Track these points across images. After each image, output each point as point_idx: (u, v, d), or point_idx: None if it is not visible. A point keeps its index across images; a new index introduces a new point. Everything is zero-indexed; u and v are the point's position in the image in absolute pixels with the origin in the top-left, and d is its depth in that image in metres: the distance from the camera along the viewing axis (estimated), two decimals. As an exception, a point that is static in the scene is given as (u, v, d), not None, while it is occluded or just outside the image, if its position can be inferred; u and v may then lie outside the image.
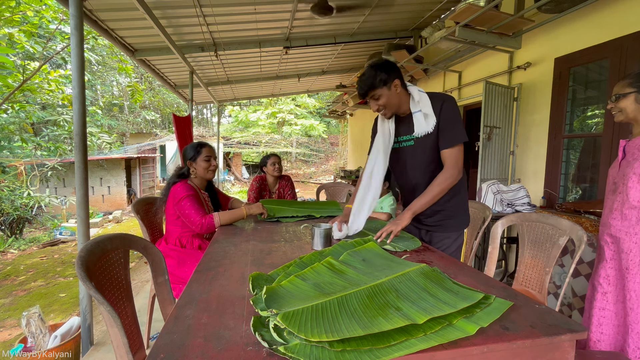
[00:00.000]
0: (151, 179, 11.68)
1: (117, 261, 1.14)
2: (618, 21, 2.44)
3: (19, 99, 6.02)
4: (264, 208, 2.00)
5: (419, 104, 1.49)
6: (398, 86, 1.49)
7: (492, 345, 0.69)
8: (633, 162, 1.38)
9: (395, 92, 1.49)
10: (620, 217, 1.41)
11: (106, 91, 14.95)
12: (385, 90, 1.48)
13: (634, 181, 1.35)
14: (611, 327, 1.45)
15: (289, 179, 3.14)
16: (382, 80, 1.46)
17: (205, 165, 2.00)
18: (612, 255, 1.46)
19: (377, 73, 1.46)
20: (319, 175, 17.32)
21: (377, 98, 1.50)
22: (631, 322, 1.36)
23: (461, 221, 1.61)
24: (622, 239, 1.40)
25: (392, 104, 1.51)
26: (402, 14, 4.19)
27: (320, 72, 6.40)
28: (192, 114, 4.97)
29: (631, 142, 1.43)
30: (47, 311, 3.23)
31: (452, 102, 1.50)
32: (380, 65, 1.48)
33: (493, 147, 3.28)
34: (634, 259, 1.36)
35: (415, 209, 1.47)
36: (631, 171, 1.37)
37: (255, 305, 0.81)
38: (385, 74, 1.46)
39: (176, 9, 3.28)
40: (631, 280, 1.37)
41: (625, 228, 1.39)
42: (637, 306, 1.35)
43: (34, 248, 5.78)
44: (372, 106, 1.55)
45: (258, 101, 17.22)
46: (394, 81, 1.47)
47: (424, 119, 1.49)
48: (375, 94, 1.49)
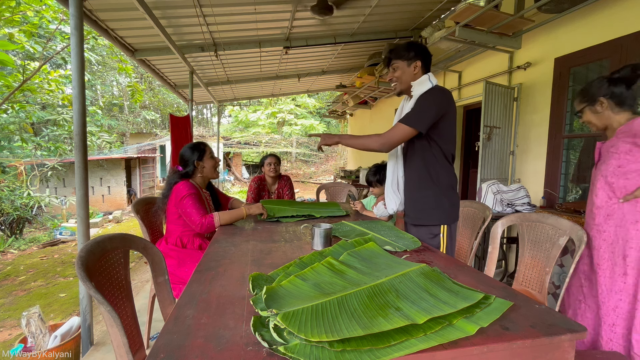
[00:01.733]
0: (151, 179, 11.68)
1: (117, 261, 1.14)
2: (618, 21, 2.44)
3: (19, 99, 6.02)
4: (264, 209, 2.00)
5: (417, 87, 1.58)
6: (418, 67, 1.58)
7: (492, 345, 0.69)
8: (601, 164, 1.46)
9: (412, 72, 1.59)
10: (591, 216, 1.51)
11: (106, 91, 14.95)
12: (404, 65, 1.59)
13: (601, 182, 1.45)
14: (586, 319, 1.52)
15: (288, 179, 3.14)
16: (404, 56, 1.58)
17: (212, 164, 2.04)
18: (587, 252, 1.53)
19: (407, 47, 1.57)
20: (319, 175, 17.31)
21: (395, 68, 1.62)
22: (603, 315, 1.43)
23: (430, 215, 1.61)
24: (593, 236, 1.49)
25: (404, 81, 1.61)
26: (402, 14, 4.19)
27: (320, 72, 6.40)
28: (192, 114, 4.97)
29: (604, 144, 1.50)
30: (47, 311, 3.23)
31: (434, 93, 1.53)
32: (413, 44, 1.60)
33: (493, 147, 3.28)
34: (603, 255, 1.44)
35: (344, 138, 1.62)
36: (599, 173, 1.46)
37: (255, 305, 0.81)
38: (412, 52, 1.57)
39: (176, 9, 3.28)
40: (601, 275, 1.44)
41: (596, 226, 1.47)
42: (607, 300, 1.42)
43: (34, 248, 5.78)
44: (389, 75, 1.66)
45: (258, 101, 17.23)
46: (416, 62, 1.57)
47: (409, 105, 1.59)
48: (395, 65, 1.61)
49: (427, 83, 1.57)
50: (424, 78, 1.58)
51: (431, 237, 1.61)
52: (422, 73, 1.60)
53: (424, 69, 1.60)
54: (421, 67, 1.59)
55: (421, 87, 1.57)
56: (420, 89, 1.57)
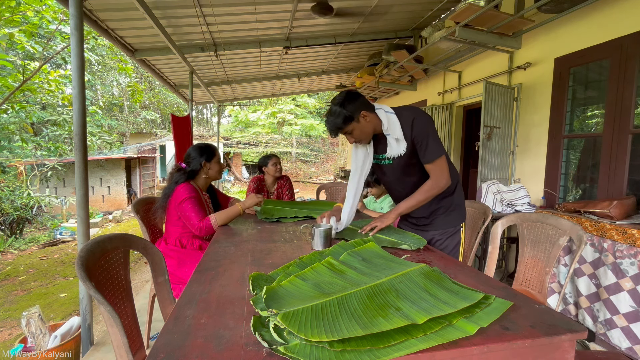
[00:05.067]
0: (151, 179, 11.68)
1: (117, 261, 1.14)
2: (618, 21, 2.44)
3: (19, 99, 6.02)
4: (257, 197, 1.99)
5: (389, 129, 1.46)
6: (367, 115, 1.45)
7: (492, 345, 0.69)
8: None
9: (366, 122, 1.46)
10: None
11: (106, 91, 14.95)
12: (355, 125, 1.46)
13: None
14: None
15: (288, 179, 3.14)
16: (348, 118, 1.42)
17: (218, 168, 2.04)
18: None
19: (341, 112, 1.42)
20: (319, 175, 17.31)
21: (350, 133, 1.49)
22: None
23: (454, 217, 1.62)
24: None
25: (366, 133, 1.50)
26: (402, 14, 4.19)
27: (320, 72, 6.40)
28: (192, 114, 4.97)
29: None
30: (47, 311, 3.23)
31: (422, 118, 1.45)
32: (343, 102, 1.43)
33: (493, 147, 3.28)
34: None
35: (400, 210, 1.51)
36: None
37: (255, 305, 0.81)
38: (350, 110, 1.42)
39: (176, 9, 3.28)
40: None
41: None
42: None
43: (34, 248, 5.78)
44: (349, 140, 1.55)
45: (258, 101, 17.23)
46: (361, 113, 1.44)
47: (395, 142, 1.47)
48: (347, 131, 1.47)
49: (390, 117, 1.46)
50: (383, 118, 1.46)
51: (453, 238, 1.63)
52: (373, 114, 1.47)
53: (371, 109, 1.47)
54: (369, 112, 1.46)
55: (392, 124, 1.46)
56: (393, 127, 1.46)
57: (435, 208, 1.62)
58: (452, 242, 1.62)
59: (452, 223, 1.62)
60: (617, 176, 2.45)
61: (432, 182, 1.48)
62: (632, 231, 1.91)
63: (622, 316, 1.93)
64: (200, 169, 1.97)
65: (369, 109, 1.46)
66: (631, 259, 1.90)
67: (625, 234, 1.95)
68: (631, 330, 1.89)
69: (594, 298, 2.11)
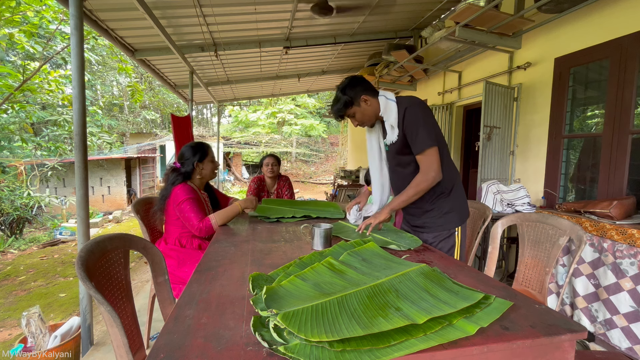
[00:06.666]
0: (151, 179, 11.68)
1: (117, 261, 1.14)
2: (618, 21, 2.44)
3: (19, 99, 6.02)
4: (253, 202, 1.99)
5: (385, 114, 1.51)
6: (368, 99, 1.52)
7: (492, 345, 0.69)
8: None
9: (367, 106, 1.53)
10: None
11: (106, 91, 14.95)
12: (356, 109, 1.53)
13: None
14: None
15: (287, 179, 3.14)
16: (349, 102, 1.52)
17: (212, 167, 2.02)
18: None
19: (343, 96, 1.51)
20: (319, 175, 17.32)
21: (352, 116, 1.57)
22: None
23: (448, 220, 1.57)
24: None
25: (369, 116, 1.56)
26: (402, 14, 4.20)
27: (320, 72, 6.40)
28: (192, 114, 4.97)
29: None
30: (47, 311, 3.23)
31: (415, 107, 1.46)
32: (345, 87, 1.52)
33: (493, 147, 3.28)
34: None
35: (393, 206, 1.52)
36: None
37: (255, 305, 0.81)
38: (351, 95, 1.51)
39: (176, 9, 3.28)
40: None
41: None
42: None
43: (34, 248, 5.78)
44: (352, 123, 1.62)
45: (258, 101, 17.22)
46: (361, 97, 1.51)
47: (390, 129, 1.52)
48: (349, 114, 1.56)
49: (389, 103, 1.49)
50: (383, 102, 1.50)
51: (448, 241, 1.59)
52: (375, 98, 1.52)
53: (373, 94, 1.52)
54: (370, 96, 1.51)
55: (389, 111, 1.49)
56: (389, 113, 1.49)
57: (429, 209, 1.58)
58: (445, 246, 1.57)
59: (445, 226, 1.57)
60: (617, 176, 2.45)
61: (421, 175, 1.48)
62: (632, 231, 1.91)
63: (622, 316, 1.93)
64: (194, 169, 1.96)
65: (370, 94, 1.53)
66: (631, 259, 1.90)
67: (625, 234, 1.95)
68: (631, 330, 1.89)
69: (592, 298, 2.11)
